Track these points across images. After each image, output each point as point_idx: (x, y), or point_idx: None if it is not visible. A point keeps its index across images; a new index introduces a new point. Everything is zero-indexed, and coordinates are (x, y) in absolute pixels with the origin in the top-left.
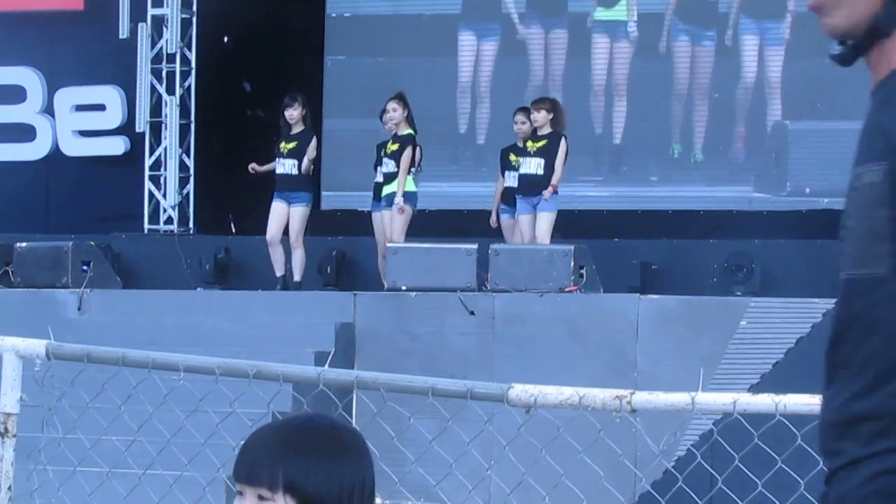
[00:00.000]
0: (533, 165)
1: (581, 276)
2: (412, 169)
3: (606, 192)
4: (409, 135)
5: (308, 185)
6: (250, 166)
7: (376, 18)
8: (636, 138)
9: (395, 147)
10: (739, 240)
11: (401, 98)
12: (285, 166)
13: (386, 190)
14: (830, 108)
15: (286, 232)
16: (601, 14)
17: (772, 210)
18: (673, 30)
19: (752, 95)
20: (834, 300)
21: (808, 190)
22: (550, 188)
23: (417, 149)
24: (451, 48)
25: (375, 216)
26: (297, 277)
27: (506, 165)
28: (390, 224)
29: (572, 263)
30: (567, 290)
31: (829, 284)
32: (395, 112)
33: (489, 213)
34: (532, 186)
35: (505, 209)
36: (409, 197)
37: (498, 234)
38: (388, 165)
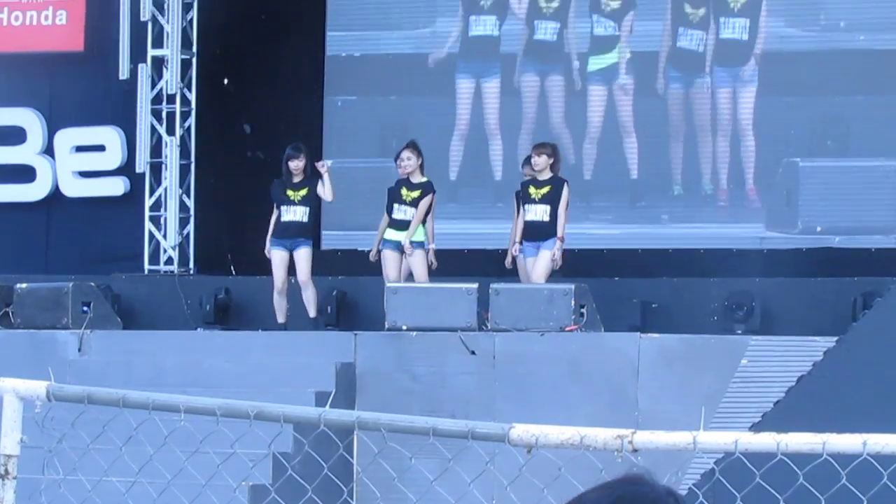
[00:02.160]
0: (539, 212)
1: (582, 315)
2: (428, 216)
3: (618, 229)
4: (429, 183)
5: (313, 231)
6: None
7: (376, 58)
8: (646, 178)
9: (414, 194)
10: (739, 278)
11: (414, 147)
12: (296, 213)
13: (393, 234)
14: (842, 146)
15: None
16: (595, 63)
17: (772, 248)
18: (668, 71)
19: (760, 133)
20: (834, 338)
21: (819, 228)
22: (558, 242)
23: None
24: (449, 88)
25: (388, 255)
26: (312, 314)
27: (526, 199)
28: (414, 269)
29: (573, 302)
30: (568, 329)
31: (829, 323)
32: (409, 161)
33: (489, 252)
34: (538, 232)
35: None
36: (422, 245)
37: (497, 274)
38: (407, 213)
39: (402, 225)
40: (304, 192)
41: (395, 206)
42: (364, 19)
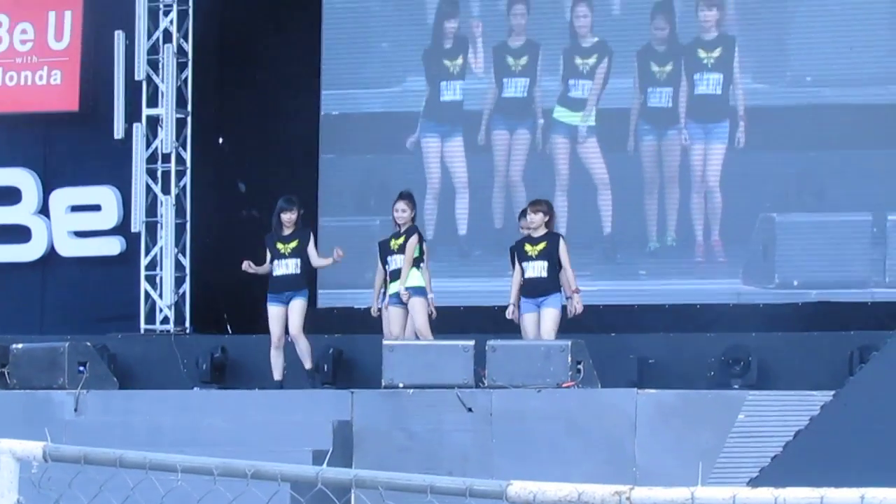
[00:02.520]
0: (537, 269)
1: (578, 371)
2: (421, 264)
3: (595, 286)
4: (412, 226)
5: (306, 282)
6: (245, 263)
7: (369, 116)
8: (620, 232)
9: (401, 241)
10: (736, 333)
11: (410, 198)
12: (288, 266)
13: (393, 287)
14: (818, 200)
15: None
16: (566, 117)
17: (768, 303)
18: (640, 126)
19: (736, 187)
20: (831, 392)
21: (796, 282)
22: (576, 295)
23: (422, 241)
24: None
25: (393, 311)
26: (307, 365)
27: (522, 257)
28: (411, 319)
29: (569, 359)
30: (564, 385)
31: (826, 377)
32: (404, 213)
33: (484, 308)
34: (538, 289)
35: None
36: (421, 291)
37: (493, 330)
38: (396, 261)
39: (395, 275)
40: (294, 244)
41: (388, 258)
42: (353, 78)
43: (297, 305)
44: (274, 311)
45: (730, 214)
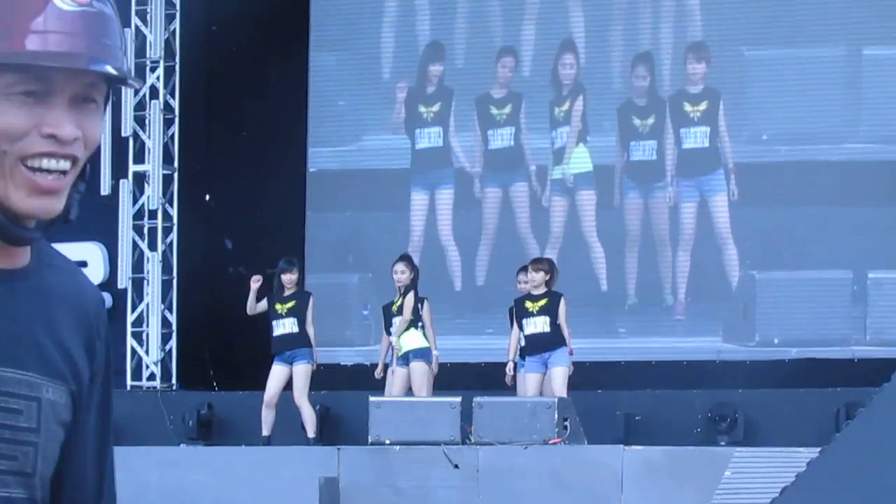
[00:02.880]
0: (538, 325)
1: (565, 428)
2: (420, 323)
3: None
4: (409, 285)
5: (308, 342)
6: (254, 279)
7: (355, 173)
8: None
9: (398, 302)
10: (722, 390)
11: (409, 260)
12: (285, 326)
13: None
14: (798, 258)
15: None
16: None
17: (754, 360)
18: (624, 185)
19: (715, 245)
20: (818, 449)
21: (776, 340)
22: (570, 352)
23: (422, 301)
24: (404, 203)
25: (398, 371)
26: (311, 434)
27: (523, 314)
28: (412, 382)
29: (556, 416)
30: (551, 442)
31: (812, 433)
32: (403, 274)
33: (471, 365)
34: (542, 344)
35: (523, 363)
36: (423, 354)
37: (480, 387)
38: (399, 323)
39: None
40: (291, 304)
41: (392, 320)
42: (341, 135)
43: (301, 370)
44: (275, 369)
45: (708, 271)
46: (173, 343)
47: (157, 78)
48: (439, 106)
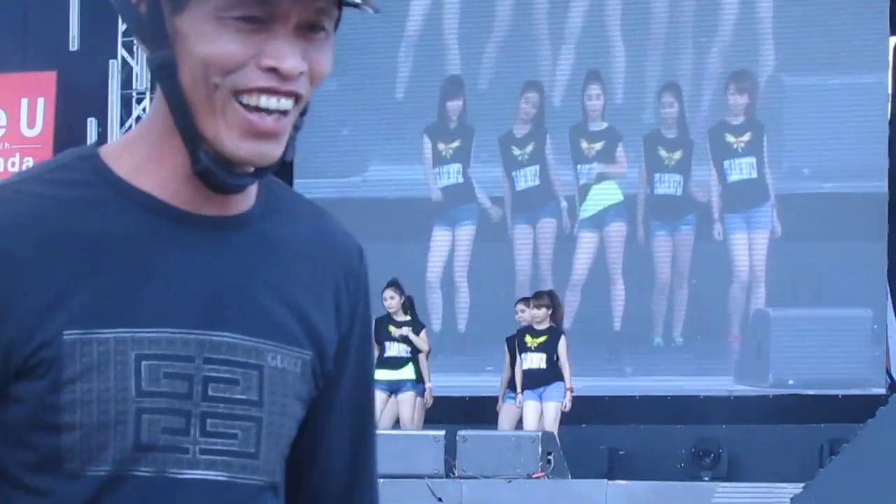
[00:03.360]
0: (536, 360)
1: (549, 461)
2: (419, 354)
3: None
4: (413, 319)
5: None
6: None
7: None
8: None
9: (391, 329)
10: (706, 425)
11: (397, 285)
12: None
13: (388, 375)
14: (814, 295)
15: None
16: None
17: (738, 395)
18: (648, 219)
19: (731, 283)
20: (801, 485)
21: (791, 381)
22: (569, 393)
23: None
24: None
25: (379, 396)
26: None
27: (522, 347)
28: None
29: (540, 450)
30: (535, 476)
31: (796, 469)
32: (392, 300)
33: (455, 399)
34: (539, 379)
35: (510, 395)
36: (415, 385)
37: (464, 421)
38: (392, 349)
39: (392, 363)
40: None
41: (386, 344)
42: (323, 166)
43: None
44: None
45: (721, 307)
46: None
47: (143, 109)
48: (459, 142)
